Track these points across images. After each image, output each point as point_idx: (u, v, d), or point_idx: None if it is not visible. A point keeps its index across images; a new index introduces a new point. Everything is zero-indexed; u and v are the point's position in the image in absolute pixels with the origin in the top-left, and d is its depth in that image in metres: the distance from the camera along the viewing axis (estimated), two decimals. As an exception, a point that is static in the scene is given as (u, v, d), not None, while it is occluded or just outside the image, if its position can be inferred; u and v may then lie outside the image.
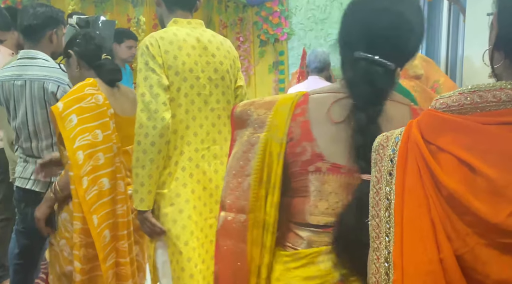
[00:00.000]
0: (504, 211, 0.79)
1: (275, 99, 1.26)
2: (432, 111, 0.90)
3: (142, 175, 1.96)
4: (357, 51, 1.15)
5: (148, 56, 1.97)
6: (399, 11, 1.14)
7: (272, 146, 1.21)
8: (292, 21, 5.06)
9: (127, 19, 4.98)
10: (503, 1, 0.88)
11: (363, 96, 1.13)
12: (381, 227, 0.91)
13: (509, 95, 0.83)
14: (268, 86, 5.15)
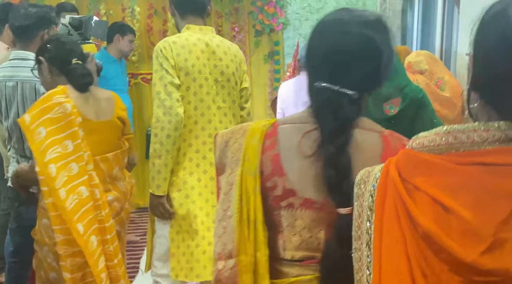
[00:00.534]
0: (476, 250, 0.81)
1: (245, 132, 1.23)
2: (409, 150, 0.93)
3: (159, 164, 2.23)
4: (319, 79, 1.14)
5: (162, 58, 2.24)
6: (361, 36, 1.12)
7: (248, 181, 1.18)
8: (288, 11, 5.03)
9: (122, 8, 4.95)
10: (478, 44, 0.90)
11: (329, 127, 1.12)
12: (362, 260, 0.95)
13: (482, 137, 0.85)
14: (264, 77, 5.15)
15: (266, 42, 5.07)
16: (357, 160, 1.10)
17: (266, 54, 5.09)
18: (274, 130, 1.21)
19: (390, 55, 1.18)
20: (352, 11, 1.19)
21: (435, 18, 4.28)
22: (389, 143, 1.16)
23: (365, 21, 1.14)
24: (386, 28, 1.18)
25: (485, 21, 0.90)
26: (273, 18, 4.93)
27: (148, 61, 5.09)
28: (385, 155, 1.12)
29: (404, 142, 1.15)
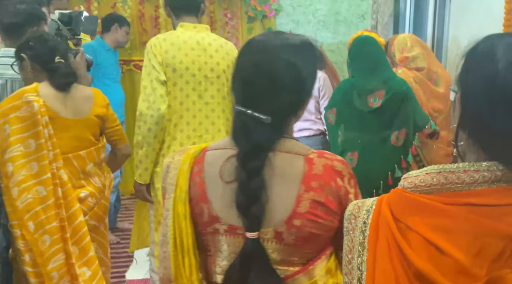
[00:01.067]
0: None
1: (181, 157, 1.24)
2: (400, 190, 0.95)
3: (141, 155, 2.37)
4: (237, 102, 1.16)
5: (151, 54, 2.34)
6: (271, 66, 1.12)
7: (179, 207, 1.19)
8: (281, -3, 5.00)
9: (113, -6, 4.90)
10: (466, 84, 0.92)
11: (242, 151, 1.12)
12: None
13: (472, 178, 0.88)
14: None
15: (259, 28, 5.04)
16: (275, 184, 1.12)
17: (258, 38, 5.07)
18: (202, 156, 1.22)
19: (312, 78, 1.20)
20: (279, 34, 1.19)
21: (427, 5, 4.27)
22: (312, 166, 1.15)
23: (287, 44, 1.15)
24: (310, 52, 1.19)
25: (471, 61, 0.92)
26: (265, 4, 4.90)
27: (140, 48, 5.06)
28: (306, 179, 1.13)
29: (335, 163, 1.16)
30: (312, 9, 5.02)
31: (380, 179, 2.74)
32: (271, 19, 5.01)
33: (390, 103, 2.72)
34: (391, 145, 2.74)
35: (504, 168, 0.88)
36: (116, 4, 4.91)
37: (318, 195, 1.13)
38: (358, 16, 5.02)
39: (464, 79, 0.93)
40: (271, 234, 1.13)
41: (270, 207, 1.11)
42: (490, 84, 0.87)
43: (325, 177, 1.14)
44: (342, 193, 1.15)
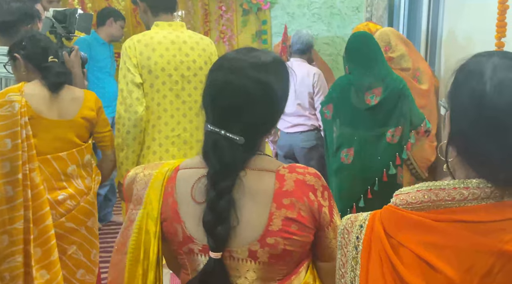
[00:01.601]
0: None
1: (153, 172, 1.23)
2: (392, 207, 0.97)
3: (121, 157, 2.40)
4: (209, 121, 1.14)
5: (126, 56, 2.34)
6: (238, 85, 1.11)
7: (148, 224, 1.18)
8: (275, -10, 4.99)
9: (107, -13, 4.88)
10: (454, 102, 0.95)
11: (213, 171, 1.11)
12: None
13: (462, 195, 0.91)
14: (251, 56, 5.13)
15: (254, 21, 5.03)
16: (246, 202, 1.12)
17: (254, 33, 5.07)
18: (174, 176, 1.20)
19: (284, 97, 1.18)
20: (252, 52, 1.17)
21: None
22: (283, 183, 1.14)
23: (259, 63, 1.13)
24: (282, 70, 1.18)
25: (460, 79, 0.94)
26: (260, -3, 4.89)
27: (134, 40, 5.04)
28: (277, 196, 1.12)
29: (307, 177, 1.15)
30: (307, 2, 5.01)
31: (376, 175, 2.76)
32: (266, 11, 5.00)
33: (387, 100, 2.73)
34: (386, 142, 2.76)
35: (493, 185, 0.90)
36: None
37: (290, 212, 1.11)
38: (353, 9, 5.01)
39: (453, 97, 0.95)
40: (245, 253, 1.13)
41: (242, 226, 1.11)
42: (477, 104, 0.89)
43: (296, 193, 1.13)
44: (315, 208, 1.14)
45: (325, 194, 1.17)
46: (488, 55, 0.94)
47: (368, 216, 1.01)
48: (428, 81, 3.32)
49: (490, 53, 0.94)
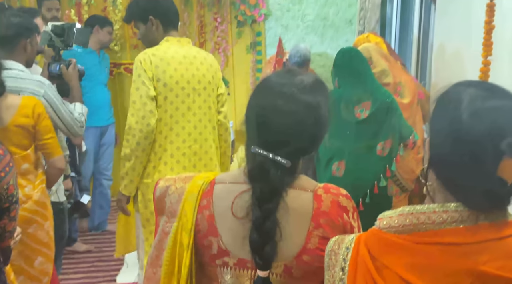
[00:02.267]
0: None
1: (186, 183, 1.25)
2: (376, 230, 1.03)
3: (128, 167, 2.44)
4: (255, 143, 1.16)
5: (141, 69, 2.40)
6: (289, 110, 1.14)
7: (183, 237, 1.20)
8: (270, 2, 5.05)
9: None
10: (434, 130, 1.01)
11: (259, 191, 1.13)
12: None
13: (441, 218, 0.96)
14: (246, 67, 5.20)
15: (248, 32, 5.10)
16: (287, 221, 1.15)
17: (248, 45, 5.13)
18: (210, 189, 1.23)
19: (327, 117, 1.20)
20: (294, 75, 1.20)
21: (413, 11, 4.36)
22: (320, 203, 1.18)
23: (303, 86, 1.16)
24: (325, 91, 1.21)
25: (440, 107, 1.01)
26: (255, 9, 4.96)
27: (130, 50, 5.11)
28: (315, 216, 1.17)
29: (340, 198, 1.19)
30: (301, 14, 5.09)
31: (367, 188, 2.81)
32: (260, 23, 5.07)
33: (376, 114, 2.79)
34: (376, 155, 2.82)
35: (469, 209, 0.96)
36: (106, 8, 4.94)
37: (327, 232, 1.16)
38: (346, 21, 5.09)
39: (433, 124, 1.01)
40: (281, 269, 1.17)
41: (281, 243, 1.14)
42: (454, 131, 0.95)
43: (332, 214, 1.17)
44: (348, 228, 1.18)
45: (355, 215, 1.21)
46: (466, 85, 0.99)
47: (354, 238, 1.06)
48: (410, 94, 3.38)
49: (468, 83, 1.00)
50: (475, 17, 2.70)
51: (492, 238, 0.95)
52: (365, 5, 4.64)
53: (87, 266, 3.85)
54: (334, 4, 5.05)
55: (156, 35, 2.54)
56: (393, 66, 3.39)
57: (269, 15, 5.07)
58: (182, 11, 5.02)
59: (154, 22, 2.52)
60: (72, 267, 3.78)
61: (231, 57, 5.18)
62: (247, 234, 1.14)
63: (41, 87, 2.43)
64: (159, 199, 1.28)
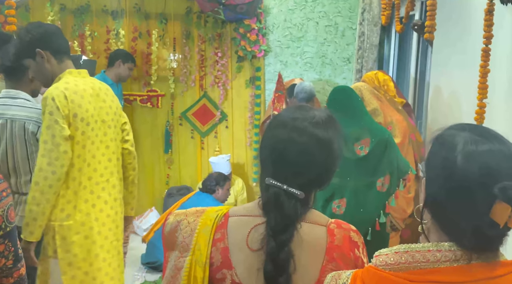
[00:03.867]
0: None
1: (198, 217, 1.27)
2: (372, 268, 1.05)
3: (36, 212, 2.24)
4: (269, 175, 1.20)
5: (52, 107, 2.23)
6: (302, 143, 1.18)
7: (197, 271, 1.21)
8: (270, 38, 5.17)
9: (107, 30, 5.03)
10: (429, 171, 1.05)
11: (273, 223, 1.16)
12: None
13: (435, 257, 1.00)
14: (245, 101, 5.27)
15: (248, 67, 5.20)
16: (301, 254, 1.18)
17: (248, 79, 5.22)
18: (225, 222, 1.25)
19: (340, 151, 1.24)
20: (307, 110, 1.24)
21: (410, 51, 4.46)
22: (333, 237, 1.21)
23: (317, 121, 1.21)
24: (336, 126, 1.26)
25: (435, 149, 1.05)
26: (255, 45, 5.06)
27: (131, 82, 5.18)
28: (329, 250, 1.20)
29: (351, 234, 1.23)
30: (300, 51, 5.20)
31: (369, 225, 2.80)
32: (260, 59, 5.18)
33: (375, 150, 2.82)
34: (376, 191, 2.83)
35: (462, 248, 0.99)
36: (109, 40, 5.03)
37: (340, 265, 1.18)
38: (344, 60, 5.20)
39: (428, 165, 1.06)
40: None
41: (296, 277, 1.16)
42: (448, 173, 0.99)
43: (344, 248, 1.20)
44: (359, 263, 1.21)
45: (364, 251, 1.24)
46: (461, 129, 1.04)
47: (350, 275, 1.08)
48: (400, 134, 3.42)
49: (462, 127, 1.05)
50: (471, 61, 2.78)
51: (484, 277, 0.97)
52: (363, 45, 4.76)
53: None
54: (333, 43, 5.17)
55: (50, 68, 2.36)
56: (385, 105, 3.44)
57: (269, 51, 5.18)
58: (183, 44, 5.13)
59: (45, 55, 2.32)
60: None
61: (231, 91, 5.26)
62: (261, 266, 1.16)
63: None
64: (170, 234, 1.29)
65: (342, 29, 5.15)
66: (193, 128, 5.36)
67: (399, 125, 3.47)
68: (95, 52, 5.03)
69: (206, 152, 5.38)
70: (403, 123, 3.50)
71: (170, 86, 5.20)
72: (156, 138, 5.34)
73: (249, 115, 5.28)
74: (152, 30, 5.06)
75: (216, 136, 5.37)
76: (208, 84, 5.25)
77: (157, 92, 5.23)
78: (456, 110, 3.24)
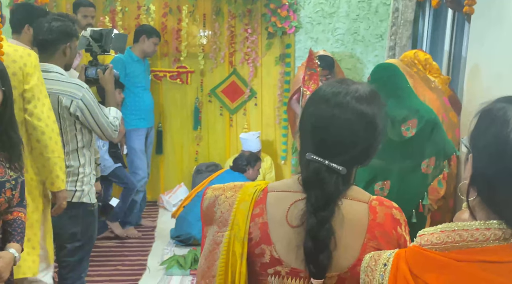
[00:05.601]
0: None
1: (236, 192, 1.25)
2: (417, 248, 1.02)
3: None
4: (310, 150, 1.16)
5: None
6: (345, 118, 1.15)
7: (235, 246, 1.19)
8: (300, 15, 5.09)
9: (137, 6, 5.04)
10: (477, 145, 1.00)
11: (314, 199, 1.13)
12: None
13: (484, 235, 0.96)
14: (274, 78, 5.22)
15: (278, 44, 5.14)
16: (342, 231, 1.14)
17: (278, 56, 5.16)
18: (263, 197, 1.22)
19: (383, 127, 1.20)
20: (349, 84, 1.20)
21: (445, 27, 4.33)
22: (375, 215, 1.18)
23: (359, 95, 1.17)
24: (380, 101, 1.22)
25: (484, 123, 0.99)
26: (285, 21, 4.99)
27: (161, 58, 5.19)
28: (370, 228, 1.16)
29: (393, 211, 1.19)
30: (331, 28, 5.10)
31: (412, 207, 2.74)
32: (290, 35, 5.10)
33: (423, 131, 2.72)
34: (422, 173, 2.75)
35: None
36: (140, 16, 5.03)
37: (381, 244, 1.15)
38: (376, 37, 5.09)
39: (476, 141, 1.00)
40: (334, 280, 1.16)
41: (336, 254, 1.13)
42: (501, 151, 0.94)
43: (387, 226, 1.16)
44: (402, 241, 1.18)
45: (407, 229, 1.21)
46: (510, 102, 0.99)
47: (392, 254, 1.05)
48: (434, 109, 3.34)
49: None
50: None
51: None
52: (397, 21, 4.63)
53: (110, 270, 3.89)
54: (365, 19, 5.06)
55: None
56: (417, 83, 3.34)
57: (299, 27, 5.10)
58: (213, 21, 5.09)
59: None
60: (95, 269, 3.82)
61: (260, 68, 5.21)
62: (301, 243, 1.14)
63: (79, 90, 2.48)
64: (208, 209, 1.27)
65: (375, 5, 5.03)
66: (222, 105, 5.34)
67: (431, 104, 3.38)
68: (125, 27, 5.04)
69: (234, 130, 5.38)
70: (436, 102, 3.41)
71: (200, 62, 5.18)
72: (185, 115, 5.36)
73: (278, 92, 5.23)
74: (183, 6, 5.03)
75: (245, 113, 5.35)
76: (237, 61, 5.21)
77: (187, 68, 5.22)
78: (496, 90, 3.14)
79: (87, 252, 2.72)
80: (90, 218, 2.66)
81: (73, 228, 2.59)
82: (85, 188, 2.60)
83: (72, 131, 2.53)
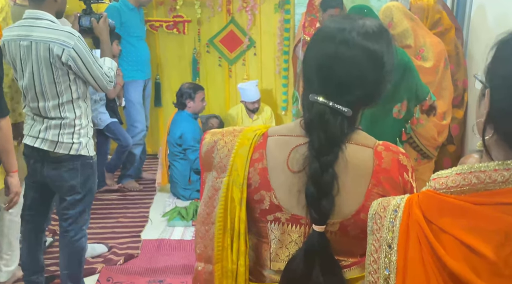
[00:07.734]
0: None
1: (235, 137, 1.20)
2: (431, 192, 0.95)
3: None
4: (314, 91, 1.10)
5: None
6: (350, 56, 1.08)
7: (234, 192, 1.16)
8: (300, -42, 4.89)
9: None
10: (495, 79, 0.91)
11: (318, 143, 1.07)
12: None
13: (503, 176, 0.89)
14: (274, 27, 5.07)
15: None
16: (345, 176, 1.09)
17: (277, 3, 4.99)
18: (263, 142, 1.18)
19: (391, 66, 1.13)
20: (355, 19, 1.12)
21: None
22: (381, 160, 1.13)
23: (366, 32, 1.09)
24: (388, 38, 1.13)
25: (502, 54, 0.90)
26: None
27: (156, 8, 5.03)
28: (375, 173, 1.12)
29: (400, 157, 1.14)
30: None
31: None
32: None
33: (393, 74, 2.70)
34: (393, 117, 2.73)
35: None
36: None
37: (387, 190, 1.11)
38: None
39: (495, 74, 0.91)
40: (336, 227, 1.12)
41: (339, 200, 1.09)
42: None
43: (393, 172, 1.12)
44: (408, 187, 1.14)
45: (414, 175, 1.16)
46: None
47: (403, 200, 0.99)
48: (434, 57, 3.24)
49: None
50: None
51: None
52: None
53: (113, 222, 3.90)
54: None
55: None
56: (418, 26, 3.24)
57: (299, -28, 4.91)
58: (209, -33, 4.90)
59: None
60: (98, 222, 3.83)
61: (259, 16, 5.06)
62: (302, 189, 1.10)
63: (71, 39, 2.38)
64: (206, 154, 1.23)
65: None
66: (220, 56, 5.22)
67: (432, 48, 3.28)
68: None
69: (234, 80, 5.27)
70: (438, 46, 3.31)
71: (197, 11, 5.02)
72: (183, 66, 5.24)
73: (278, 41, 5.09)
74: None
75: (244, 63, 5.23)
76: (235, 8, 5.05)
77: (183, 17, 5.06)
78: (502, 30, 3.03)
79: (87, 204, 2.69)
80: (89, 170, 2.61)
81: (72, 181, 2.55)
82: (83, 140, 2.54)
83: (65, 81, 2.45)
